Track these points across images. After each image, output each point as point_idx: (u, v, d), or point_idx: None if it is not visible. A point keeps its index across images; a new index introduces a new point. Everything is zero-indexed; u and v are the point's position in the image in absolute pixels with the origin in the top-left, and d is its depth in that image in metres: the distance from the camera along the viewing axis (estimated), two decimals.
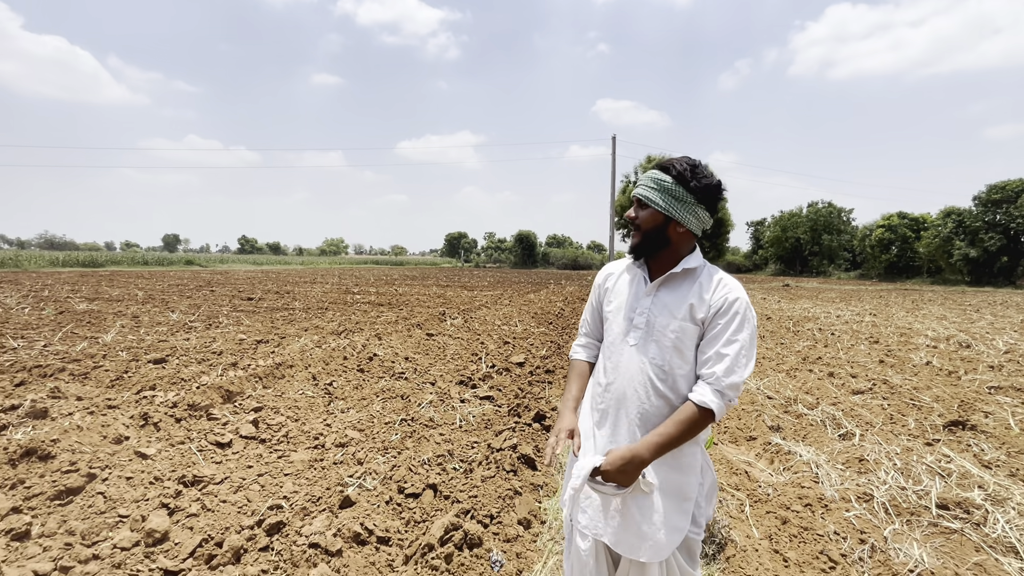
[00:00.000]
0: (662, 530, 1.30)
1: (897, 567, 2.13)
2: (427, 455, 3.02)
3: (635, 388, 1.35)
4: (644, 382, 1.34)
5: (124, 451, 2.92)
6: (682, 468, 1.35)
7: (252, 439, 3.29)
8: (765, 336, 9.15)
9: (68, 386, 4.36)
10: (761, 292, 22.52)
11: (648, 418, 1.34)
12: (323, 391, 4.47)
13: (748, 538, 2.40)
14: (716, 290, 1.33)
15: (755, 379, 5.65)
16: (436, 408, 4.01)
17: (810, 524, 2.50)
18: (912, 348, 7.90)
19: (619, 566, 1.43)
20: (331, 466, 2.87)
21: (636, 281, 1.44)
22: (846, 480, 2.97)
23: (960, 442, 3.71)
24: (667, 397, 1.34)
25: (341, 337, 7.37)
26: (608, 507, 1.36)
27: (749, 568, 2.13)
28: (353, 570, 1.94)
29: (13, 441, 3.03)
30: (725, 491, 2.89)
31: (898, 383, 5.47)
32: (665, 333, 1.33)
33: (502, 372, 5.35)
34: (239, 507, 2.37)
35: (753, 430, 4.06)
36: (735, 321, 1.29)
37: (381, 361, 5.66)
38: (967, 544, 2.31)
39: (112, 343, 6.39)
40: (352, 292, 16.46)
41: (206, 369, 5.11)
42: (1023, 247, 34.61)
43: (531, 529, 2.34)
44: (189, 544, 2.05)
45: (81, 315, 9.04)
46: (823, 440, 3.70)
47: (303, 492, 2.52)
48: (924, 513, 2.56)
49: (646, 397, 1.34)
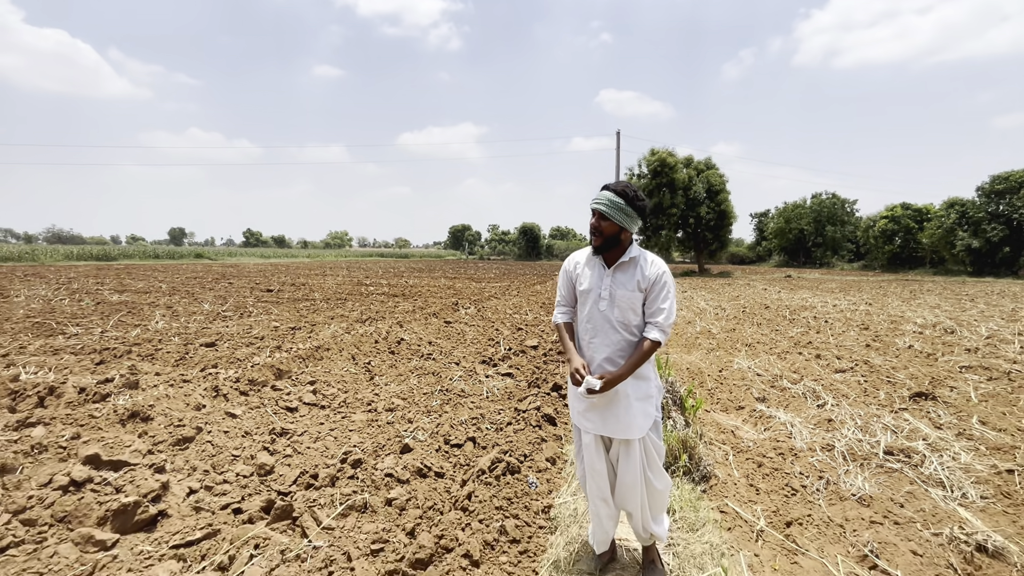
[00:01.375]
0: (638, 417, 2.02)
1: (844, 494, 2.71)
2: (463, 417, 3.61)
3: (607, 333, 2.03)
4: (612, 329, 2.03)
5: (216, 412, 3.52)
6: (644, 377, 2.06)
7: (314, 405, 3.89)
8: (761, 324, 9.68)
9: (141, 365, 4.98)
10: (763, 283, 23.01)
11: (617, 350, 2.03)
12: (363, 369, 5.07)
13: (729, 475, 2.99)
14: (650, 268, 2.02)
15: (747, 360, 6.22)
16: (465, 382, 4.61)
17: (780, 467, 3.08)
18: (899, 334, 8.43)
19: (611, 447, 2.13)
20: (386, 424, 3.47)
21: (597, 267, 2.09)
22: (815, 436, 3.55)
23: (921, 409, 4.27)
24: (626, 337, 2.03)
25: (366, 324, 7.96)
26: (603, 411, 2.04)
27: (727, 493, 2.71)
28: (421, 492, 2.53)
29: (119, 406, 3.64)
30: (713, 445, 3.48)
31: (879, 364, 6.03)
32: (623, 300, 2.00)
33: (518, 354, 5.94)
34: (321, 451, 2.98)
35: (742, 402, 4.63)
36: (665, 287, 2.01)
37: (408, 345, 6.26)
38: (903, 479, 2.88)
39: (162, 330, 7.01)
40: (364, 284, 17.06)
41: (255, 351, 5.72)
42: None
43: (556, 465, 2.95)
44: (291, 475, 2.65)
45: (118, 306, 9.68)
46: (801, 408, 4.28)
47: (369, 442, 3.12)
48: (873, 458, 3.14)
49: (615, 338, 2.03)
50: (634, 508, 2.11)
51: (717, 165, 30.99)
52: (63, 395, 3.83)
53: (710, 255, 33.22)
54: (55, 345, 5.78)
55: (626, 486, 2.08)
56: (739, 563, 2.22)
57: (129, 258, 37.52)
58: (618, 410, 2.01)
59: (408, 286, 16.44)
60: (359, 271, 25.94)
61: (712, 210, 29.54)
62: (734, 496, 2.75)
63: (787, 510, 2.63)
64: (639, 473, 2.06)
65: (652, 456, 2.10)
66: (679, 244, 32.28)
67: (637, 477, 2.06)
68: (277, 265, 32.88)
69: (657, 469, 2.12)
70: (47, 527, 2.08)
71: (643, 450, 2.07)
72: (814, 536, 2.42)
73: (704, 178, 29.78)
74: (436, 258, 65.20)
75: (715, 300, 14.38)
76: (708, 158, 31.10)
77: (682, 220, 29.56)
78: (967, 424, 3.90)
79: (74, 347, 5.69)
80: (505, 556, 2.10)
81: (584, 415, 2.09)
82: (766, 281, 24.72)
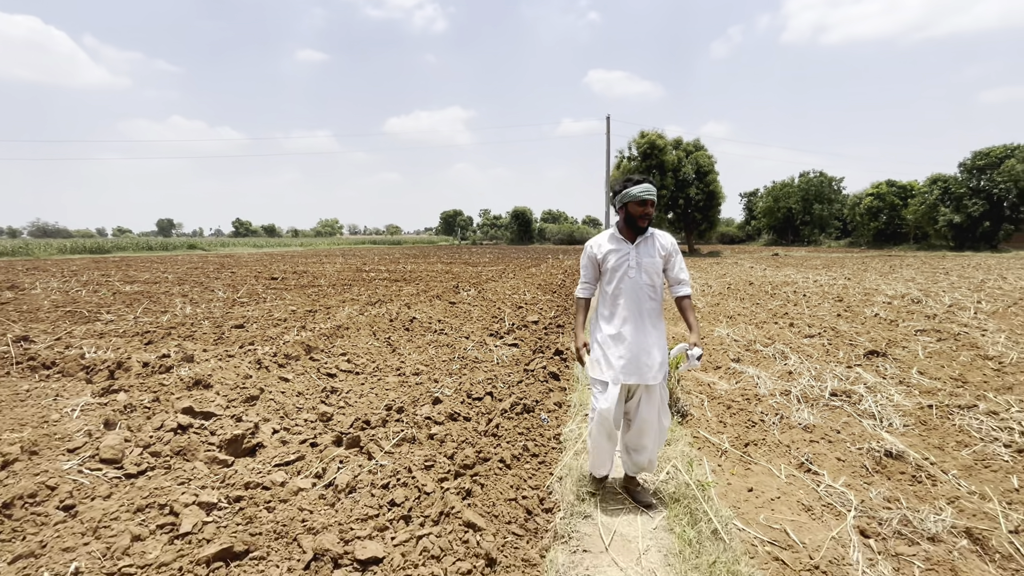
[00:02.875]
0: (664, 366, 2.54)
1: (792, 424, 3.38)
2: (480, 378, 4.24)
3: (639, 296, 2.53)
4: (644, 292, 2.54)
5: (269, 378, 4.12)
6: (662, 329, 2.59)
7: (350, 372, 4.50)
8: (744, 299, 10.37)
9: (185, 343, 5.54)
10: (750, 262, 23.77)
11: (650, 311, 2.53)
12: (385, 343, 5.67)
13: (703, 415, 3.65)
14: (665, 240, 2.61)
15: (726, 328, 6.90)
16: (478, 351, 5.24)
17: (745, 408, 3.75)
18: (869, 304, 9.15)
19: (632, 395, 2.60)
20: (416, 384, 4.09)
21: (621, 245, 2.58)
22: (776, 385, 4.22)
23: (872, 364, 4.96)
24: (654, 298, 2.55)
25: (376, 306, 8.55)
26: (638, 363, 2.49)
27: (700, 426, 3.38)
28: (455, 431, 3.16)
29: (183, 375, 4.22)
30: (691, 394, 4.14)
31: (844, 329, 6.72)
32: (649, 266, 2.53)
33: (521, 328, 6.57)
34: (367, 404, 3.59)
35: (719, 363, 5.30)
36: (678, 253, 2.61)
37: (420, 323, 6.86)
38: (842, 413, 3.56)
39: (189, 315, 7.56)
40: (364, 270, 17.54)
41: (282, 331, 6.30)
42: (1005, 212, 35.68)
43: (562, 407, 3.61)
44: (347, 420, 3.27)
45: (136, 295, 10.17)
46: (769, 366, 4.95)
47: (406, 396, 3.74)
48: (821, 399, 3.82)
49: (647, 299, 2.54)
50: (649, 442, 2.57)
51: (705, 146, 31.54)
52: (131, 368, 4.41)
53: (700, 235, 33.95)
54: (97, 330, 6.31)
55: (647, 423, 2.54)
56: (704, 467, 2.88)
57: (122, 250, 37.45)
58: (652, 360, 2.48)
59: (407, 271, 16.97)
60: (355, 258, 26.38)
61: (701, 191, 30.17)
62: (705, 428, 3.41)
63: (746, 436, 3.30)
64: (656, 412, 2.55)
65: (664, 397, 2.60)
66: (670, 225, 32.96)
67: (655, 416, 2.54)
68: (272, 254, 33.17)
69: (666, 409, 2.61)
70: (170, 457, 2.69)
71: (660, 393, 2.57)
72: (765, 453, 3.09)
73: (693, 159, 30.34)
74: (429, 244, 65.51)
75: (703, 278, 15.07)
76: (696, 139, 31.62)
77: (672, 201, 30.18)
78: (908, 374, 4.59)
79: (116, 331, 6.23)
80: (528, 464, 2.75)
81: (623, 371, 2.49)
82: (753, 259, 25.50)
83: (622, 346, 2.51)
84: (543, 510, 2.50)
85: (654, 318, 2.56)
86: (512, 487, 2.56)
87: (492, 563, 1.95)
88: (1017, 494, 2.55)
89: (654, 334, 2.52)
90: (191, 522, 2.03)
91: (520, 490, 2.56)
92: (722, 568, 2.01)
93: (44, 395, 3.86)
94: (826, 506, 2.49)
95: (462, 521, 2.13)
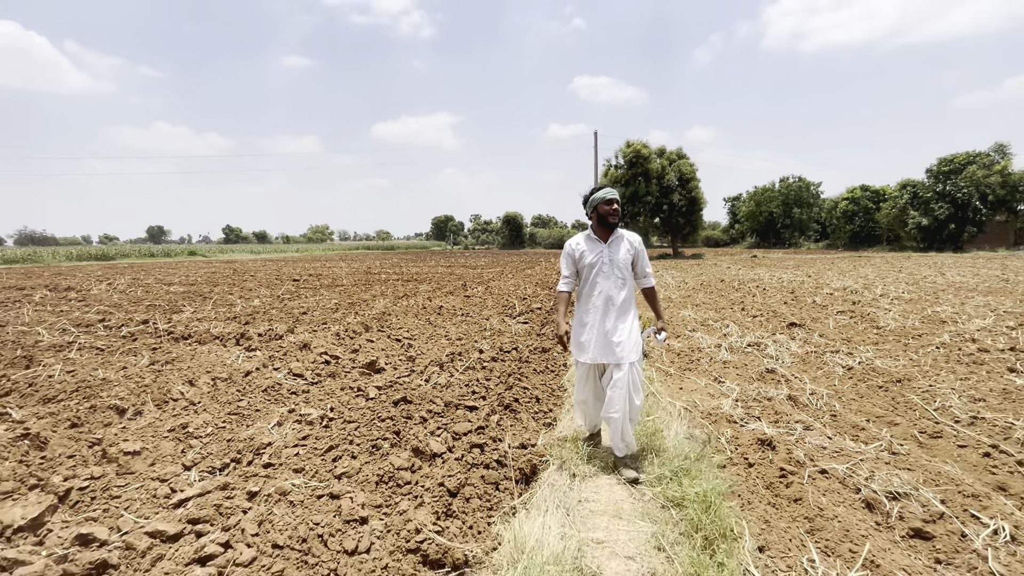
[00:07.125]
0: (633, 345, 2.93)
1: (716, 361, 5.16)
2: (506, 341, 5.97)
3: (612, 288, 2.96)
4: (616, 284, 2.96)
5: (359, 339, 5.82)
6: (633, 316, 3.09)
7: (410, 338, 6.21)
8: (713, 293, 12.19)
9: (273, 325, 7.19)
10: (729, 263, 25.71)
11: (623, 300, 2.94)
12: (426, 322, 7.38)
13: (660, 360, 5.42)
14: (633, 239, 3.02)
15: (691, 311, 8.70)
16: (500, 326, 6.97)
17: (691, 356, 5.53)
18: (813, 295, 11.00)
19: (605, 372, 3.01)
20: (459, 344, 5.81)
21: (595, 244, 3.02)
22: (713, 341, 6.00)
23: (790, 332, 6.76)
24: (625, 290, 2.97)
25: (405, 300, 10.23)
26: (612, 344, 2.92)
27: (656, 364, 5.14)
28: (498, 367, 4.87)
29: (293, 341, 5.88)
30: (654, 350, 5.90)
31: (783, 312, 8.54)
32: (620, 261, 2.98)
33: (528, 312, 8.30)
34: (434, 352, 5.30)
35: (679, 333, 7.08)
36: (644, 250, 3.05)
37: (447, 310, 8.57)
38: (752, 355, 5.35)
39: (257, 306, 9.19)
40: (374, 272, 19.11)
41: (342, 315, 7.96)
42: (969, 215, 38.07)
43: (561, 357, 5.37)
44: (425, 360, 4.97)
45: (186, 295, 11.71)
46: (714, 333, 6.74)
47: (457, 349, 5.45)
48: (742, 348, 5.60)
49: (618, 290, 2.96)
50: (618, 415, 2.82)
51: (688, 155, 33.58)
52: (252, 337, 6.07)
53: (683, 239, 35.93)
54: (191, 317, 7.92)
55: (618, 397, 2.81)
56: (654, 381, 4.64)
57: (127, 257, 37.98)
58: (622, 341, 2.88)
59: (414, 273, 18.58)
60: (357, 262, 27.85)
61: (684, 197, 32.14)
62: (659, 365, 5.18)
63: (686, 367, 5.07)
64: (627, 389, 2.83)
65: (636, 378, 2.90)
66: (655, 229, 34.88)
67: (625, 391, 2.82)
68: (274, 259, 34.27)
69: (638, 389, 2.90)
70: (321, 377, 4.37)
71: (631, 373, 2.88)
72: (695, 374, 4.85)
73: (676, 167, 32.34)
74: (422, 249, 66.92)
75: (681, 277, 16.92)
76: (679, 148, 33.65)
77: (656, 207, 32.12)
78: (811, 337, 6.39)
79: (208, 317, 7.85)
80: (548, 376, 4.49)
81: (598, 352, 2.93)
82: (732, 261, 27.49)
83: (595, 330, 2.92)
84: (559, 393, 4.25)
85: (626, 306, 2.93)
86: (539, 385, 4.31)
87: (537, 400, 3.70)
88: (834, 383, 4.33)
89: (626, 320, 2.90)
90: (372, 394, 3.75)
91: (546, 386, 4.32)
92: (659, 411, 3.75)
93: (204, 353, 5.50)
94: (722, 394, 4.25)
95: (513, 394, 3.87)
